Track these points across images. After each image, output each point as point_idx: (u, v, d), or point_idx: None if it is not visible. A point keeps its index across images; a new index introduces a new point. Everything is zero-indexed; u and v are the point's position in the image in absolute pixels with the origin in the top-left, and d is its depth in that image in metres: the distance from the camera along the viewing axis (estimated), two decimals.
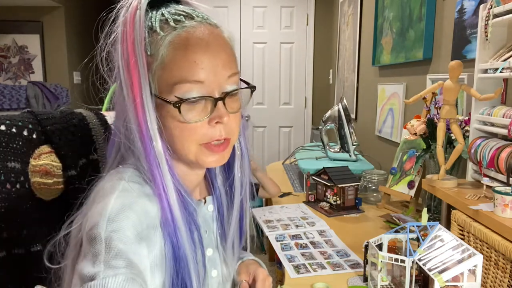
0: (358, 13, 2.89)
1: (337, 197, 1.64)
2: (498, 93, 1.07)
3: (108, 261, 0.51)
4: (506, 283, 0.87)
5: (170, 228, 0.61)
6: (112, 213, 0.55)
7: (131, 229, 0.56)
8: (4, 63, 4.32)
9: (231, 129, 0.66)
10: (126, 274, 0.51)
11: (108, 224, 0.54)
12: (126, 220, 0.56)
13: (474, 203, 1.01)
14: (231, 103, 0.65)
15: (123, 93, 0.62)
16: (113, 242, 0.53)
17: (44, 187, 0.87)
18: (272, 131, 4.20)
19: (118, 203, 0.57)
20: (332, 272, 1.13)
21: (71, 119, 0.93)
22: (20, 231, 0.84)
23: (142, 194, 0.60)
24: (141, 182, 0.62)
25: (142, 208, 0.59)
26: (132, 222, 0.56)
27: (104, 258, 0.51)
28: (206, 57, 0.61)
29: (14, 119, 0.83)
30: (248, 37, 4.04)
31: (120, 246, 0.53)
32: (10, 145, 0.80)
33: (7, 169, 0.80)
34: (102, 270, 0.50)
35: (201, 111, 0.62)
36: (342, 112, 2.03)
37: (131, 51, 0.60)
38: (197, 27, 0.63)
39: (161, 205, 0.61)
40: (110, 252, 0.52)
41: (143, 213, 0.58)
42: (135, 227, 0.57)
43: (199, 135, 0.63)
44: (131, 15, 0.62)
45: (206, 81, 0.61)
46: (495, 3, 1.09)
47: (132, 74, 0.60)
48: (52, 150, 0.88)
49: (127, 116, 0.62)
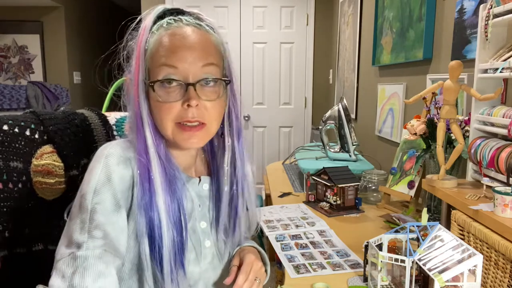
0: (358, 13, 2.89)
1: (337, 197, 1.65)
2: (498, 93, 1.07)
3: (91, 231, 0.67)
4: (506, 283, 0.87)
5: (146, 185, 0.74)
6: (98, 185, 0.70)
7: (110, 199, 0.70)
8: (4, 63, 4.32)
9: (205, 114, 0.77)
10: (102, 247, 0.67)
11: (94, 196, 0.69)
12: (107, 192, 0.70)
13: (474, 203, 1.01)
14: (205, 90, 0.76)
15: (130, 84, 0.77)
16: (96, 215, 0.69)
17: (46, 186, 0.87)
18: (272, 131, 4.20)
19: (102, 175, 0.71)
20: (332, 272, 1.13)
21: (73, 120, 0.94)
22: (22, 230, 0.85)
23: (121, 160, 0.73)
24: (124, 147, 0.76)
25: (119, 176, 0.72)
26: (111, 193, 0.71)
27: (88, 228, 0.68)
28: (182, 47, 0.74)
29: (16, 119, 0.84)
30: (248, 37, 4.04)
31: (100, 219, 0.69)
32: (12, 145, 0.81)
33: (10, 169, 0.80)
34: (86, 240, 0.67)
35: (176, 94, 0.75)
36: (342, 112, 2.03)
37: (139, 50, 0.75)
38: (182, 27, 0.76)
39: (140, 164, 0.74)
40: (92, 223, 0.68)
41: (120, 181, 0.72)
42: (114, 196, 0.71)
43: (173, 114, 0.75)
44: (145, 23, 0.77)
45: (180, 67, 0.74)
46: (495, 3, 1.09)
47: (136, 65, 0.75)
48: (54, 150, 0.88)
49: (131, 98, 0.77)
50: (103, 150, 0.74)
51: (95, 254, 0.66)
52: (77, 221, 0.68)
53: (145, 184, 0.74)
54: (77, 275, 0.64)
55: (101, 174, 0.71)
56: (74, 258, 0.65)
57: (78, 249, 0.66)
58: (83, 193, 0.70)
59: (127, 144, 0.77)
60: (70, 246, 0.67)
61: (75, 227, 0.68)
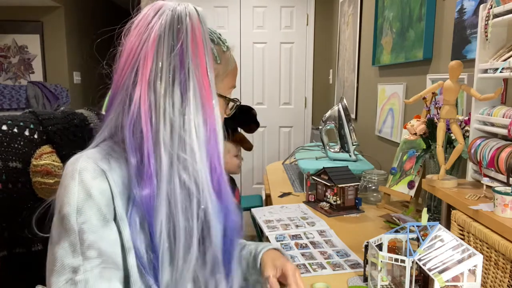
0: (358, 13, 2.89)
1: (337, 197, 1.65)
2: (498, 93, 1.07)
3: (84, 252, 0.64)
4: (506, 283, 0.87)
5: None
6: (79, 204, 0.65)
7: (96, 215, 0.66)
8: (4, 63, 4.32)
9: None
10: (100, 265, 0.64)
11: (78, 216, 0.65)
12: (91, 209, 0.66)
13: (474, 203, 1.01)
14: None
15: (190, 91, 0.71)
16: (85, 235, 0.64)
17: (45, 186, 0.87)
18: (272, 131, 4.20)
19: (81, 193, 0.66)
20: (332, 272, 1.13)
21: (72, 120, 0.94)
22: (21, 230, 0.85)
23: (97, 174, 0.68)
24: (98, 158, 0.70)
25: (98, 190, 0.67)
26: (96, 209, 0.66)
27: (81, 250, 0.64)
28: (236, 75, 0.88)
29: (15, 119, 0.84)
30: (248, 37, 4.04)
31: (91, 238, 0.64)
32: (11, 145, 0.81)
33: (9, 169, 0.80)
34: (82, 264, 0.63)
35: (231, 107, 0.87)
36: (342, 112, 2.03)
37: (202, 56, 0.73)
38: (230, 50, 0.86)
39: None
40: (84, 244, 0.64)
41: (101, 195, 0.67)
42: (99, 211, 0.66)
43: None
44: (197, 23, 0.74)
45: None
46: (495, 3, 1.09)
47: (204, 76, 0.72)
48: (53, 150, 0.88)
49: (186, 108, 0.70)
50: (74, 165, 0.69)
51: (95, 275, 0.63)
52: (64, 245, 0.64)
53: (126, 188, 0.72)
54: None
55: (79, 192, 0.66)
56: (74, 283, 0.62)
57: (75, 274, 0.63)
58: (63, 214, 0.65)
59: (99, 153, 0.71)
60: (63, 272, 0.63)
61: (64, 252, 0.64)
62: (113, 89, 0.74)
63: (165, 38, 0.71)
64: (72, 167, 0.68)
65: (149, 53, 0.70)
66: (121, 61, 0.73)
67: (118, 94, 0.73)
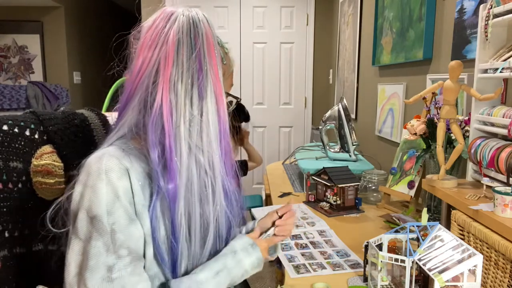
0: (358, 13, 2.89)
1: (337, 197, 1.65)
2: (498, 93, 1.07)
3: (117, 251, 0.70)
4: (506, 283, 0.87)
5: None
6: (108, 205, 0.70)
7: (124, 216, 0.71)
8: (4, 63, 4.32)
9: None
10: (131, 262, 0.71)
11: (108, 218, 0.70)
12: (119, 210, 0.71)
13: (474, 203, 1.01)
14: None
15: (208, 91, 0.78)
16: (116, 235, 0.70)
17: (45, 186, 0.87)
18: (272, 131, 4.20)
19: (109, 194, 0.70)
20: (332, 272, 1.13)
21: (73, 120, 0.94)
22: (22, 230, 0.85)
23: (122, 173, 0.72)
24: (119, 156, 0.74)
25: (123, 190, 0.72)
26: (123, 210, 0.71)
27: (113, 249, 0.69)
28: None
29: (16, 119, 0.84)
30: (248, 37, 4.04)
31: (121, 237, 0.70)
32: (12, 145, 0.81)
33: (9, 169, 0.80)
34: (116, 262, 0.69)
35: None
36: (342, 112, 2.03)
37: (214, 56, 0.79)
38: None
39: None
40: (116, 243, 0.70)
41: (126, 195, 0.72)
42: (126, 211, 0.71)
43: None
44: (209, 31, 0.80)
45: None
46: (495, 3, 1.09)
47: (217, 76, 0.80)
48: (54, 150, 0.88)
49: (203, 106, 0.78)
50: (99, 164, 0.72)
51: (128, 272, 0.70)
52: (97, 244, 0.69)
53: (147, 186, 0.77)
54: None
55: (108, 193, 0.70)
56: (111, 281, 0.68)
57: (110, 272, 0.69)
58: (94, 215, 0.70)
59: (119, 151, 0.75)
60: (97, 270, 0.68)
61: (97, 251, 0.69)
62: (130, 90, 0.78)
63: (184, 41, 0.77)
64: (97, 166, 0.72)
65: (170, 56, 0.75)
66: (137, 63, 0.77)
67: (136, 94, 0.77)
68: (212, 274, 0.79)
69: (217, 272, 0.80)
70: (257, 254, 0.87)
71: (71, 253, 0.71)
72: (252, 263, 0.86)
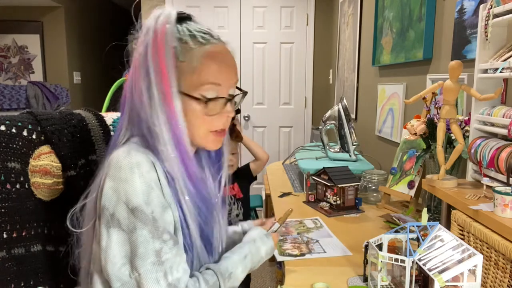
0: (358, 13, 2.89)
1: (337, 197, 1.64)
2: (498, 93, 1.07)
3: (161, 237, 0.75)
4: (506, 283, 0.87)
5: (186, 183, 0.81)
6: (145, 196, 0.74)
7: (159, 205, 0.76)
8: (4, 63, 4.32)
9: (229, 122, 0.88)
10: (174, 245, 0.76)
11: (147, 207, 0.74)
12: (154, 200, 0.75)
13: (474, 203, 1.01)
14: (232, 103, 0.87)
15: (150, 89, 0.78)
16: (157, 222, 0.75)
17: (43, 187, 0.87)
18: (272, 131, 4.20)
19: (144, 185, 0.74)
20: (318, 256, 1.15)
21: (70, 120, 0.94)
22: (20, 231, 0.84)
23: (150, 166, 0.76)
24: (142, 152, 0.77)
25: (154, 181, 0.76)
26: (157, 199, 0.76)
27: (158, 235, 0.74)
28: (224, 66, 0.82)
29: (14, 120, 0.83)
30: (248, 37, 4.04)
31: (161, 224, 0.75)
32: (10, 146, 0.80)
33: (7, 169, 0.80)
34: (162, 246, 0.74)
35: (218, 107, 0.82)
36: (342, 112, 2.03)
37: (162, 55, 0.77)
38: (218, 44, 0.83)
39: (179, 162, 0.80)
40: (159, 230, 0.75)
41: (157, 185, 0.76)
42: (159, 201, 0.76)
43: (212, 124, 0.83)
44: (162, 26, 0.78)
45: (224, 85, 0.82)
46: (495, 3, 1.09)
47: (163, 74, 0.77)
48: (52, 150, 0.88)
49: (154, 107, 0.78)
50: (128, 159, 0.75)
51: (174, 253, 0.75)
52: (143, 233, 0.74)
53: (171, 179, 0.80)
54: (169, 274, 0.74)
55: (142, 185, 0.74)
56: (161, 263, 0.73)
57: (159, 257, 0.74)
58: (134, 206, 0.73)
59: (141, 147, 0.79)
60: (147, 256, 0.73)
61: (144, 239, 0.74)
62: (125, 88, 0.84)
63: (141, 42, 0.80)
64: (127, 160, 0.75)
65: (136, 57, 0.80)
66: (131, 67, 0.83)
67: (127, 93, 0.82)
68: (241, 258, 0.89)
69: (245, 256, 0.90)
70: (270, 243, 0.98)
71: (114, 246, 0.74)
72: (267, 251, 0.96)
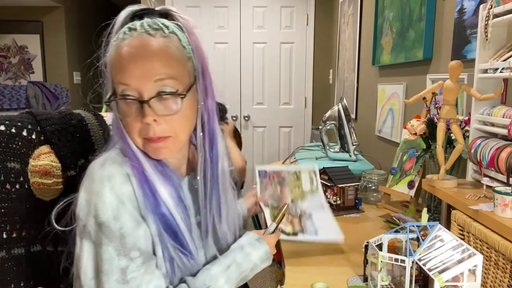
0: (358, 13, 2.89)
1: (337, 197, 1.64)
2: (498, 93, 1.07)
3: (128, 254, 0.71)
4: (506, 283, 0.87)
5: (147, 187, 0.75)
6: (114, 211, 0.71)
7: (130, 220, 0.72)
8: (4, 63, 4.32)
9: (166, 129, 0.75)
10: (143, 263, 0.72)
11: (115, 223, 0.71)
12: (124, 215, 0.72)
13: (474, 203, 1.01)
14: (163, 105, 0.73)
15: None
16: (125, 239, 0.71)
17: (43, 187, 0.87)
18: (272, 131, 4.20)
19: (114, 199, 0.71)
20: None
21: (70, 120, 0.94)
22: (20, 231, 0.84)
23: (123, 179, 0.73)
24: (120, 161, 0.75)
25: (127, 196, 0.73)
26: (128, 214, 0.72)
27: (124, 253, 0.71)
28: (131, 63, 0.71)
29: (13, 120, 0.83)
30: (248, 37, 4.04)
31: (131, 240, 0.71)
32: (9, 146, 0.80)
33: (7, 170, 0.80)
34: (128, 264, 0.71)
35: (134, 110, 0.73)
36: (342, 112, 2.03)
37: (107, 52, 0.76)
38: (134, 38, 0.73)
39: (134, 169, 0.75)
40: (126, 247, 0.71)
41: (130, 199, 0.73)
42: (132, 216, 0.73)
43: (136, 129, 0.75)
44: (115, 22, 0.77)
45: (132, 84, 0.72)
46: (495, 3, 1.09)
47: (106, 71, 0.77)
48: (52, 150, 0.88)
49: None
50: (101, 171, 0.72)
51: (142, 272, 0.72)
52: (108, 249, 0.71)
53: (145, 187, 0.75)
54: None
55: (112, 199, 0.71)
56: (126, 282, 0.70)
57: (124, 274, 0.71)
58: (101, 221, 0.70)
59: (120, 156, 0.77)
60: (111, 273, 0.70)
61: (109, 256, 0.71)
62: None
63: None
64: (100, 172, 0.72)
65: None
66: None
67: None
68: (223, 268, 0.83)
69: (227, 266, 0.83)
70: (264, 247, 0.90)
71: (85, 256, 0.72)
72: (260, 257, 0.89)
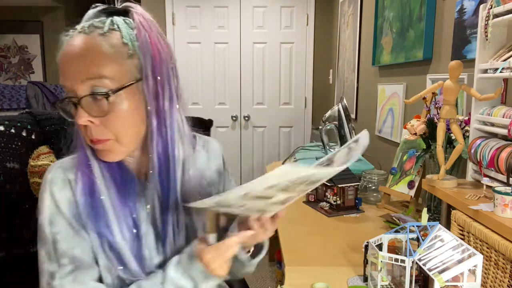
0: (358, 13, 2.89)
1: (337, 197, 1.64)
2: (498, 93, 1.07)
3: (58, 260, 0.70)
4: (506, 283, 0.87)
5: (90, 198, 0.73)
6: (51, 215, 0.71)
7: (66, 226, 0.72)
8: (4, 63, 4.32)
9: (104, 131, 0.69)
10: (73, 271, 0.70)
11: (50, 227, 0.71)
12: (61, 221, 0.71)
13: (474, 203, 1.01)
14: (97, 105, 0.68)
15: None
16: (58, 244, 0.71)
17: None
18: (272, 131, 4.20)
19: (51, 205, 0.72)
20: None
21: None
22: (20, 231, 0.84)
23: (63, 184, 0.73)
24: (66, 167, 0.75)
25: (65, 202, 0.72)
26: (65, 221, 0.72)
27: (55, 257, 0.71)
28: (64, 63, 0.70)
29: (13, 120, 0.83)
30: (248, 37, 4.04)
31: (63, 247, 0.71)
32: (9, 146, 0.80)
33: (6, 170, 0.80)
34: (57, 270, 0.70)
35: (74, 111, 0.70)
36: (342, 112, 2.03)
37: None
38: (71, 39, 0.73)
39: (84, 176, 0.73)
40: (57, 252, 0.71)
41: (68, 206, 0.72)
42: (69, 222, 0.72)
43: (82, 132, 0.72)
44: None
45: (67, 85, 0.69)
46: (495, 3, 1.09)
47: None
48: (51, 150, 0.88)
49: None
50: (47, 174, 0.75)
51: (69, 280, 0.70)
52: (42, 252, 0.72)
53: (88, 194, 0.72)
54: None
55: (50, 204, 0.72)
56: (52, 287, 0.71)
57: (52, 279, 0.71)
58: (39, 223, 0.72)
59: (73, 161, 0.76)
60: (43, 275, 0.72)
61: (44, 258, 0.72)
62: None
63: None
64: (45, 176, 0.75)
65: None
66: None
67: None
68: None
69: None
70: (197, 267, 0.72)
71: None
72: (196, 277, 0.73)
